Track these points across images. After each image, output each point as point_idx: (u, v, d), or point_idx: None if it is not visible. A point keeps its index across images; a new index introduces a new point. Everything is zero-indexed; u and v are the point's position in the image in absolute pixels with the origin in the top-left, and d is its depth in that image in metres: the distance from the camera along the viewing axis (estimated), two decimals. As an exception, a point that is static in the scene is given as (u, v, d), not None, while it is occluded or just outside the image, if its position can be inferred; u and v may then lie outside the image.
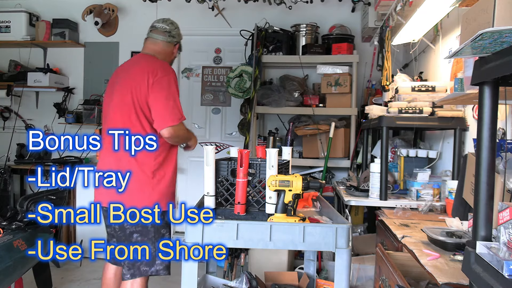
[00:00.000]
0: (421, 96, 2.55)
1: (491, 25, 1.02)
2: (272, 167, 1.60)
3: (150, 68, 2.12)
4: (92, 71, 4.67)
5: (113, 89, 2.21)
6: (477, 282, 1.06)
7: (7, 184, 4.12)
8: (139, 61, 2.23)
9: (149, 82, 2.09)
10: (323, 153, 3.96)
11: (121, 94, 2.14)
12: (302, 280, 2.19)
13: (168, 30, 2.32)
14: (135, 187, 2.09)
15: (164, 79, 2.11)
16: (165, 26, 2.32)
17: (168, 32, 2.32)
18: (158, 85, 2.09)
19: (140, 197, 2.10)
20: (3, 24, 4.57)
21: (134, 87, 2.11)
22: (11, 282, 2.33)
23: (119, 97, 2.16)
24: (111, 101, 2.20)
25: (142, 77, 2.10)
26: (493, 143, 1.09)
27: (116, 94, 2.18)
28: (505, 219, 1.01)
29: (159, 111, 2.08)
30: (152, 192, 2.13)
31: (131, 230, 2.13)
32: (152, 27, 2.35)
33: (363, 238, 3.30)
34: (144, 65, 2.17)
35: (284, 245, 1.52)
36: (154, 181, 2.13)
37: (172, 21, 2.37)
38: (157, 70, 2.12)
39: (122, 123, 2.12)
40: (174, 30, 2.34)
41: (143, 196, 2.10)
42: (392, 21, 2.98)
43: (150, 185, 2.12)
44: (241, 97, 4.04)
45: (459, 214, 1.96)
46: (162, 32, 2.31)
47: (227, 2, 4.34)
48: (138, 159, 2.11)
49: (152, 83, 2.09)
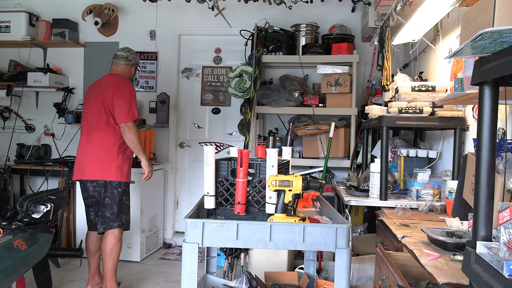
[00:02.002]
0: (421, 96, 2.55)
1: (491, 25, 1.02)
2: (272, 167, 1.60)
3: (114, 83, 3.01)
4: (92, 71, 4.67)
5: (90, 98, 3.08)
6: (477, 282, 1.06)
7: (7, 184, 4.12)
8: (107, 79, 3.10)
9: (114, 92, 2.95)
10: (323, 153, 3.96)
11: (96, 101, 3.00)
12: (302, 280, 2.19)
13: (126, 56, 3.16)
14: (103, 165, 2.96)
15: (124, 90, 2.98)
16: (123, 54, 3.16)
17: (126, 58, 3.16)
18: (120, 95, 2.96)
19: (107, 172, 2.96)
20: (3, 24, 4.57)
21: (104, 96, 2.97)
22: (11, 282, 2.33)
23: (94, 103, 3.01)
24: (90, 106, 3.06)
25: (109, 89, 2.97)
26: (493, 143, 1.09)
27: (92, 101, 3.03)
28: (505, 219, 1.01)
29: (119, 112, 2.94)
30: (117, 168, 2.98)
31: (104, 196, 2.95)
32: (115, 55, 3.17)
33: (363, 238, 3.30)
34: (110, 81, 3.05)
35: (284, 245, 1.52)
36: (118, 160, 2.97)
37: (129, 49, 3.21)
38: (119, 84, 3.01)
39: (97, 119, 2.98)
40: (130, 55, 3.17)
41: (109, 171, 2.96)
42: (392, 21, 2.98)
43: (115, 163, 2.97)
44: (241, 97, 4.04)
45: (459, 214, 1.96)
46: (122, 58, 3.15)
47: (227, 2, 4.34)
48: (105, 144, 2.97)
49: (115, 93, 2.95)
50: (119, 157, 2.97)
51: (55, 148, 4.81)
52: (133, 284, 3.40)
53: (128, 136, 2.95)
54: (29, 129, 4.84)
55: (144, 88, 4.70)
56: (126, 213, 3.05)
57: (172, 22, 4.63)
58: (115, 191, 2.96)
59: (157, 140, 4.60)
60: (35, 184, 4.66)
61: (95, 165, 2.95)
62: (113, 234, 2.95)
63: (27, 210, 2.66)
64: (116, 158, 2.96)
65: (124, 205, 3.03)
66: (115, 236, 2.96)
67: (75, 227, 4.04)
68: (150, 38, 4.66)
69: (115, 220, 2.95)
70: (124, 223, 3.02)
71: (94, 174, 2.95)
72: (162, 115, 4.67)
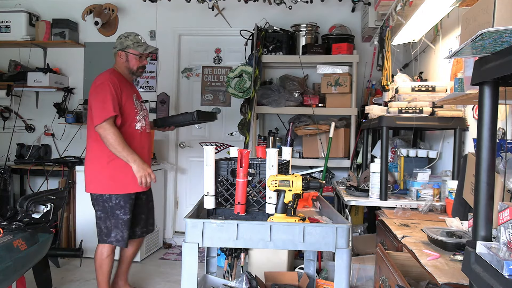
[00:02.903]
0: (421, 96, 2.55)
1: (491, 25, 1.02)
2: (272, 167, 1.60)
3: (94, 81, 2.69)
4: (92, 71, 4.66)
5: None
6: (477, 282, 1.06)
7: (7, 184, 4.12)
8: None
9: (90, 92, 2.67)
10: (323, 153, 3.96)
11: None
12: (302, 280, 2.19)
13: (114, 46, 2.81)
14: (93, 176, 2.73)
15: (97, 87, 2.62)
16: (115, 43, 2.81)
17: (114, 48, 2.81)
18: (92, 93, 2.64)
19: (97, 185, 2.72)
20: (3, 24, 4.57)
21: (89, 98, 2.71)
22: (11, 282, 2.33)
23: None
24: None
25: (91, 90, 2.68)
26: (493, 143, 1.09)
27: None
28: (505, 219, 1.01)
29: (94, 114, 2.59)
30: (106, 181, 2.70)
31: (96, 209, 2.74)
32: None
33: (363, 238, 3.30)
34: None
35: (284, 245, 1.52)
36: (109, 169, 2.67)
37: (120, 35, 2.81)
38: (95, 81, 2.68)
39: (89, 126, 2.74)
40: (116, 42, 2.80)
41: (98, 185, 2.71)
42: (392, 21, 2.98)
43: (105, 173, 2.68)
44: (241, 97, 4.04)
45: (459, 214, 1.96)
46: (113, 48, 2.82)
47: (227, 2, 4.33)
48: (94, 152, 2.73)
49: (91, 92, 2.67)
50: (111, 166, 2.66)
51: (55, 148, 4.81)
52: (133, 284, 3.40)
53: (105, 140, 2.56)
54: (29, 129, 4.83)
55: (144, 88, 4.70)
56: (123, 229, 2.71)
57: (172, 22, 4.63)
58: (106, 205, 2.69)
59: (157, 140, 4.60)
60: (35, 184, 4.66)
61: (87, 177, 2.75)
62: (103, 249, 2.75)
63: (27, 210, 2.66)
64: (107, 167, 2.66)
65: (120, 220, 2.70)
66: (105, 251, 2.75)
67: (75, 227, 4.03)
68: (150, 38, 4.66)
69: (108, 235, 2.70)
70: (119, 240, 2.71)
71: (87, 187, 2.75)
72: (162, 115, 4.67)
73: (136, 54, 2.78)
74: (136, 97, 2.84)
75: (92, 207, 2.81)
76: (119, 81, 2.69)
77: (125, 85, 2.76)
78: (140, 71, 2.85)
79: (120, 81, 2.71)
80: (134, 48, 2.77)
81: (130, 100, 2.75)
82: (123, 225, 2.71)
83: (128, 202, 2.72)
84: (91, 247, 3.87)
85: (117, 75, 2.74)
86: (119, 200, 2.69)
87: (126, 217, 2.71)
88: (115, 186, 2.68)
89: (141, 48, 2.79)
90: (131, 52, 2.77)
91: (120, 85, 2.68)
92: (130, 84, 2.88)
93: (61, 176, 4.13)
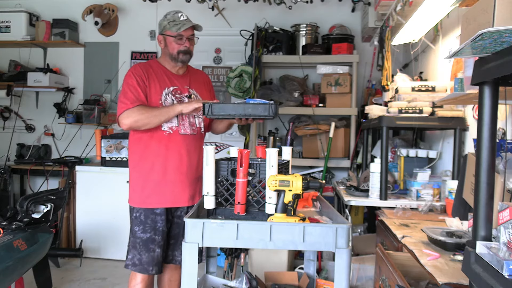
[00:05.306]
0: (421, 96, 2.55)
1: (491, 25, 1.02)
2: (272, 167, 1.59)
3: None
4: (92, 71, 4.67)
5: None
6: (477, 282, 1.06)
7: (7, 184, 4.12)
8: None
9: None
10: (323, 153, 3.96)
11: None
12: (302, 280, 2.18)
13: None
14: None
15: (124, 79, 2.26)
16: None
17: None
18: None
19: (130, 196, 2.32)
20: (3, 24, 4.57)
21: None
22: (11, 282, 2.33)
23: None
24: None
25: None
26: (493, 143, 1.09)
27: None
28: (505, 219, 1.01)
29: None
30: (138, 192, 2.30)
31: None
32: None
33: (363, 238, 3.30)
34: None
35: (284, 245, 1.51)
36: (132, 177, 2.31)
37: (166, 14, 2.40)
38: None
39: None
40: (159, 24, 2.40)
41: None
42: (392, 21, 2.98)
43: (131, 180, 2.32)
44: (241, 97, 4.03)
45: (459, 214, 1.96)
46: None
47: (227, 2, 4.33)
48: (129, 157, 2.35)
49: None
50: (133, 174, 2.28)
51: (55, 148, 4.81)
52: None
53: (136, 125, 2.14)
54: (29, 129, 4.84)
55: (144, 88, 4.70)
56: (140, 250, 2.18)
57: (172, 22, 4.63)
58: (130, 219, 2.28)
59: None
60: (35, 184, 4.66)
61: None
62: (131, 276, 2.25)
63: (27, 210, 2.66)
64: (132, 173, 2.29)
65: (138, 239, 2.19)
66: (132, 279, 2.24)
67: (75, 227, 4.03)
68: (150, 38, 4.66)
69: (126, 257, 2.23)
70: (136, 264, 2.18)
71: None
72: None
73: (173, 36, 2.29)
74: (174, 91, 2.32)
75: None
76: (148, 72, 2.25)
77: (158, 77, 2.28)
78: (181, 56, 2.35)
79: (151, 72, 2.26)
80: (169, 29, 2.30)
81: (157, 95, 2.23)
82: (142, 245, 2.18)
83: (150, 218, 2.20)
84: (91, 247, 3.88)
85: (150, 65, 2.32)
86: (139, 214, 2.22)
87: (145, 235, 2.18)
88: (135, 198, 2.25)
89: (176, 27, 2.28)
90: (168, 34, 2.30)
91: (149, 77, 2.24)
92: (171, 75, 2.36)
93: (61, 176, 4.13)
